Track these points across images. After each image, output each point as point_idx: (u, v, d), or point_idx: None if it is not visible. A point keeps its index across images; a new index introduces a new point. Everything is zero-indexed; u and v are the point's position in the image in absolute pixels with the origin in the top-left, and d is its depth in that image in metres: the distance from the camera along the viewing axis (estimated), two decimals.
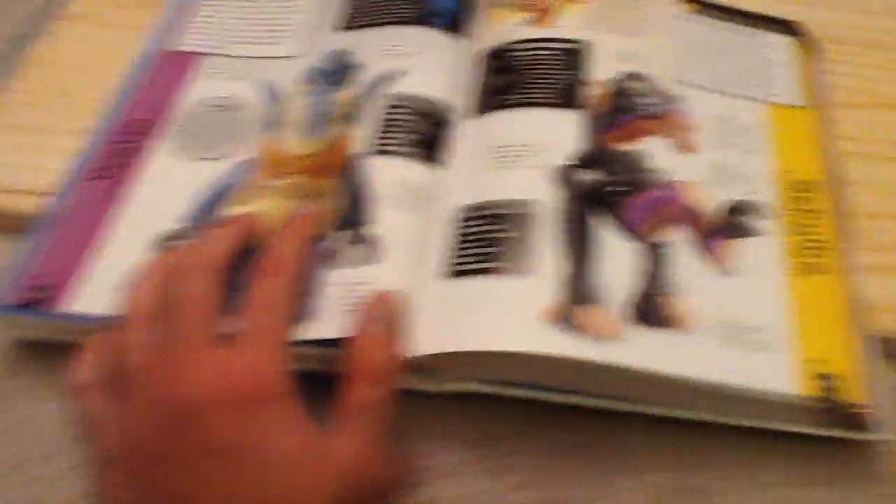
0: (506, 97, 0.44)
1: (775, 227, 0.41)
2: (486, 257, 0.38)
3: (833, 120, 0.47)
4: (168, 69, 0.48)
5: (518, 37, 0.47)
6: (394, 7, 0.50)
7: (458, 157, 0.43)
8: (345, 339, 0.35)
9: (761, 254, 0.40)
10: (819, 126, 0.46)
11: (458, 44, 0.48)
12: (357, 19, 0.50)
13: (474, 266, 0.38)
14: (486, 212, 0.39)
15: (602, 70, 0.45)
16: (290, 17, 0.51)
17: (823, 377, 0.36)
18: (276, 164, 0.43)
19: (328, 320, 0.37)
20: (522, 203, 0.39)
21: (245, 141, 0.44)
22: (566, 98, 0.44)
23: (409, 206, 0.40)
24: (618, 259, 0.38)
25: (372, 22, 0.50)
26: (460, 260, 0.38)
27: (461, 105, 0.45)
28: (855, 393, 0.36)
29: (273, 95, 0.47)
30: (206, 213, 0.41)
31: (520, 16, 0.48)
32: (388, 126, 0.44)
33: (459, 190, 0.41)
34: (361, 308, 0.36)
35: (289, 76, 0.47)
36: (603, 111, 0.44)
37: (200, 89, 0.47)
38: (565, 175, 0.40)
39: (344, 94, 0.45)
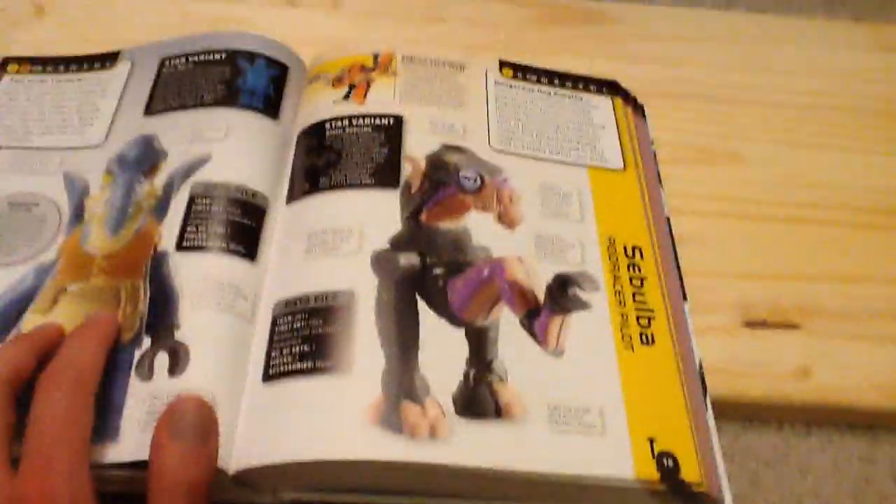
0: (317, 180, 0.42)
1: (603, 298, 0.39)
2: (303, 356, 0.35)
3: (657, 178, 0.47)
4: None
5: (331, 114, 0.45)
6: (201, 88, 0.46)
7: (273, 247, 0.40)
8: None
9: (590, 328, 0.38)
10: (643, 187, 0.45)
11: (270, 124, 0.45)
12: (165, 101, 0.45)
13: (291, 367, 0.35)
14: (301, 306, 0.37)
15: (418, 144, 0.43)
16: (98, 103, 0.46)
17: (662, 455, 0.34)
18: (76, 265, 0.39)
19: (131, 440, 0.33)
20: (337, 294, 0.37)
21: (45, 241, 0.40)
22: (381, 177, 0.42)
23: (220, 304, 0.37)
24: (443, 347, 0.36)
25: (181, 104, 0.45)
26: (276, 361, 0.36)
27: (275, 190, 0.42)
28: (694, 470, 0.34)
29: (75, 189, 0.42)
30: (3, 325, 0.37)
31: (334, 92, 0.46)
32: (193, 218, 0.40)
33: (273, 284, 0.39)
34: (162, 419, 0.32)
35: (94, 167, 0.43)
36: (420, 187, 0.42)
37: None
38: (382, 260, 0.38)
39: (146, 185, 0.42)
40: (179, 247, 0.39)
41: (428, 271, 0.38)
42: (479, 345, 0.36)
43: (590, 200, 0.43)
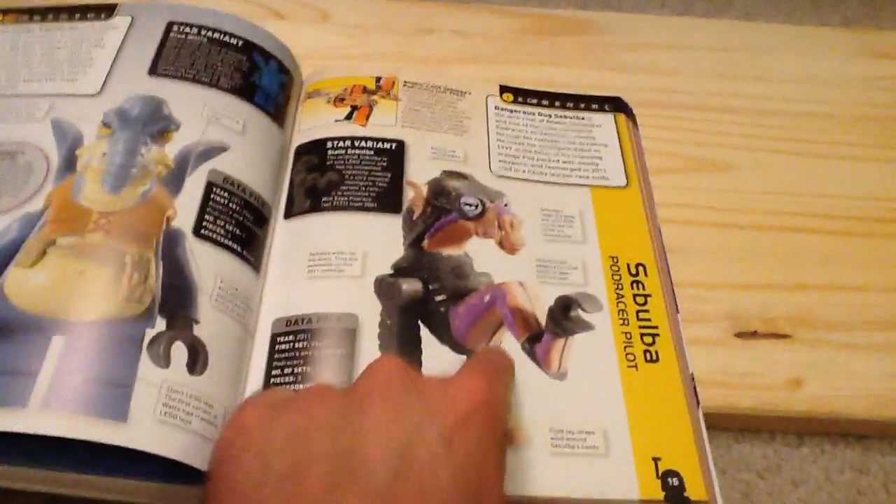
0: (319, 199, 0.42)
1: (606, 318, 0.40)
2: (305, 377, 0.35)
3: (653, 189, 0.47)
4: None
5: (332, 133, 0.45)
6: (217, 68, 0.44)
7: (272, 261, 0.40)
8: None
9: (593, 349, 0.39)
10: (646, 202, 0.46)
11: (277, 132, 0.45)
12: (175, 67, 0.44)
13: (294, 387, 0.35)
14: (303, 326, 0.37)
15: (419, 170, 0.44)
16: (91, 52, 0.45)
17: (667, 475, 0.35)
18: (68, 218, 0.37)
19: (142, 428, 0.31)
20: (341, 317, 0.37)
21: (31, 190, 0.38)
22: (384, 201, 0.42)
23: (234, 312, 0.37)
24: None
25: (194, 77, 0.44)
26: (278, 380, 0.36)
27: (274, 202, 0.42)
28: (700, 487, 0.35)
29: (65, 137, 0.40)
30: None
31: (335, 111, 0.46)
32: (212, 208, 0.39)
33: (272, 300, 0.39)
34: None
35: (86, 117, 0.41)
36: (422, 214, 0.42)
37: None
38: (386, 286, 0.39)
39: (155, 150, 0.40)
40: (197, 233, 0.38)
41: (430, 298, 0.39)
42: None
43: (592, 220, 0.44)
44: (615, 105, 0.50)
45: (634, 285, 0.41)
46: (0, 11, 0.48)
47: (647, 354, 0.39)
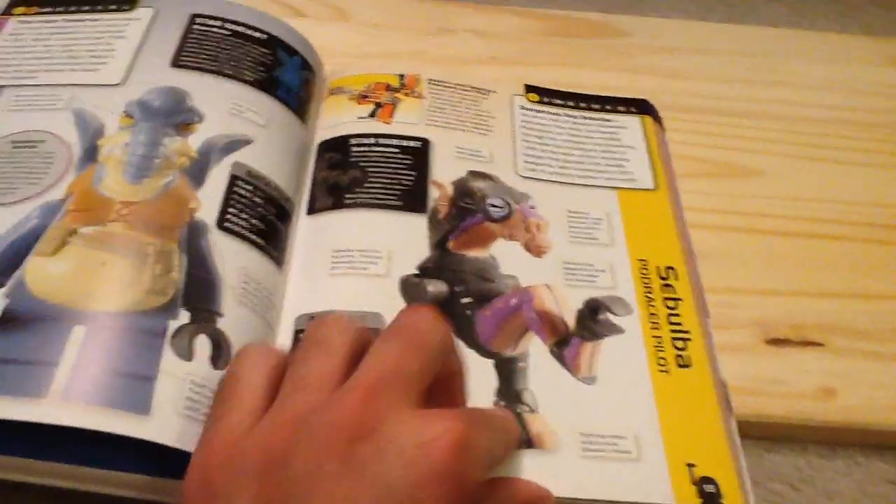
0: (343, 196, 0.41)
1: (636, 322, 0.39)
2: None
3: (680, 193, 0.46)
4: None
5: (356, 130, 0.44)
6: (241, 62, 0.44)
7: (294, 257, 0.39)
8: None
9: (624, 353, 0.38)
10: (674, 205, 0.45)
11: (299, 127, 0.44)
12: (198, 59, 0.43)
13: None
14: None
15: (445, 170, 0.43)
16: (112, 43, 0.44)
17: (703, 481, 0.34)
18: (89, 207, 0.36)
19: (164, 421, 0.30)
20: (366, 316, 0.36)
21: (52, 178, 0.37)
22: (409, 200, 0.41)
23: (257, 307, 0.36)
24: (471, 378, 0.35)
25: (217, 69, 0.43)
26: None
27: (296, 198, 0.42)
28: (737, 495, 0.34)
29: (86, 127, 0.40)
30: (5, 267, 0.34)
31: (358, 108, 0.45)
32: (235, 201, 0.38)
33: (294, 296, 0.38)
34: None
35: (108, 107, 0.40)
36: (448, 214, 0.41)
37: None
38: (411, 287, 0.38)
39: (178, 142, 0.39)
40: (220, 226, 0.37)
41: (455, 300, 0.38)
42: (508, 375, 0.36)
43: (620, 223, 0.43)
44: (642, 107, 0.50)
45: (665, 289, 0.40)
46: (22, 3, 0.47)
47: (679, 359, 0.38)
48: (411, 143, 0.44)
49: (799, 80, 0.56)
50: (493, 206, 0.42)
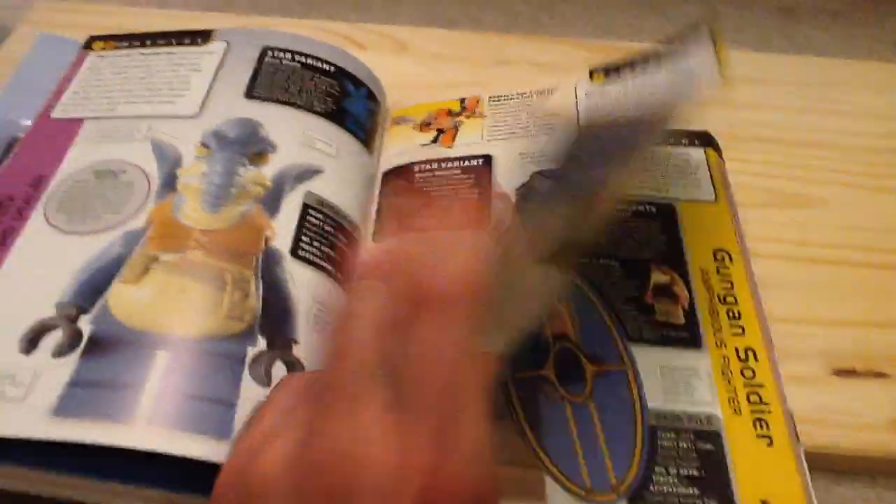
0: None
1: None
2: None
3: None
4: (39, 140, 0.43)
5: (419, 157, 0.45)
6: (310, 93, 0.45)
7: None
8: None
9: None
10: (735, 229, 0.45)
11: (367, 157, 0.45)
12: (270, 91, 0.45)
13: None
14: None
15: (508, 179, 0.43)
16: (190, 76, 0.45)
17: None
18: (169, 235, 0.37)
19: None
20: None
21: (133, 207, 0.39)
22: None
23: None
24: None
25: (288, 100, 0.44)
26: None
27: (364, 226, 0.42)
28: None
29: (165, 157, 0.41)
30: (90, 293, 0.35)
31: (421, 136, 0.46)
32: (308, 229, 0.39)
33: None
34: None
35: (185, 138, 0.42)
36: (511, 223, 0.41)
37: (79, 156, 0.41)
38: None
39: (253, 171, 0.41)
40: (294, 254, 0.38)
41: None
42: None
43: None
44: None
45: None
46: (101, 39, 0.49)
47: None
48: (473, 162, 0.44)
49: (859, 109, 0.56)
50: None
